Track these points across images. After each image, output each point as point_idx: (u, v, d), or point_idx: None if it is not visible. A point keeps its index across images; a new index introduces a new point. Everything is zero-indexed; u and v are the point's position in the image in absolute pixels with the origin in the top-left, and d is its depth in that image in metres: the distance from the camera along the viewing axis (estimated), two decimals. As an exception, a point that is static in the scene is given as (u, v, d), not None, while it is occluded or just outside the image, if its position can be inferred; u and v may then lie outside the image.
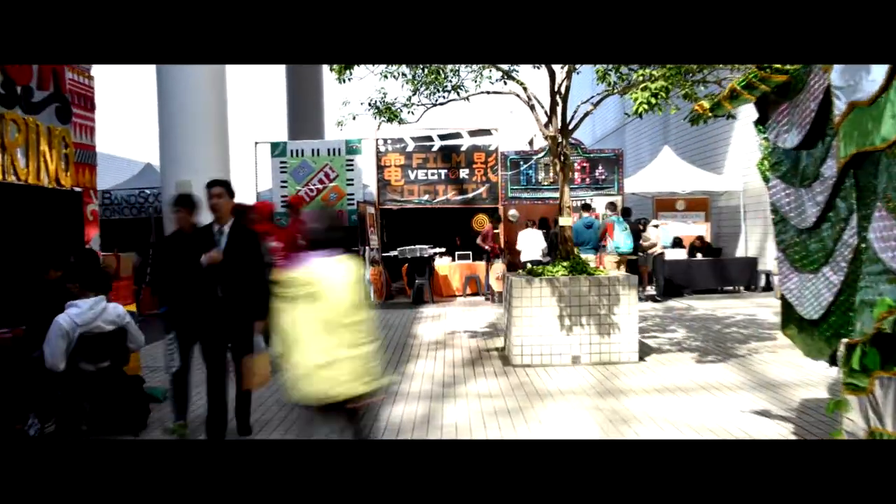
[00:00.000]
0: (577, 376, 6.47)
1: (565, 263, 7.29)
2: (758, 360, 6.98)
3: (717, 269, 13.07)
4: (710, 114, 4.06)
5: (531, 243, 12.20)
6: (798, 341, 3.72)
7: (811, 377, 6.16)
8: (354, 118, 8.08)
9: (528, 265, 7.60)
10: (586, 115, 7.67)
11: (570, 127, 7.64)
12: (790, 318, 3.69)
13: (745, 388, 5.83)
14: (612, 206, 12.16)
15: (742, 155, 14.42)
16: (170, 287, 4.95)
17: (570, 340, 6.98)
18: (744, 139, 14.35)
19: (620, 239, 11.52)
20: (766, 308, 10.87)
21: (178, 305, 4.86)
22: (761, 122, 3.90)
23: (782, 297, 3.71)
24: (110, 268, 6.80)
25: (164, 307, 5.01)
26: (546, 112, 7.74)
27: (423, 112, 8.23)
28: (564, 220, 7.48)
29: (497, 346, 8.08)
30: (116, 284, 6.79)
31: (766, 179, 3.86)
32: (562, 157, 7.47)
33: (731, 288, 13.19)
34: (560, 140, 7.52)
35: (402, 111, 7.99)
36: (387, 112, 7.87)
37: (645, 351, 7.41)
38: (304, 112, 19.32)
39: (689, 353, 7.45)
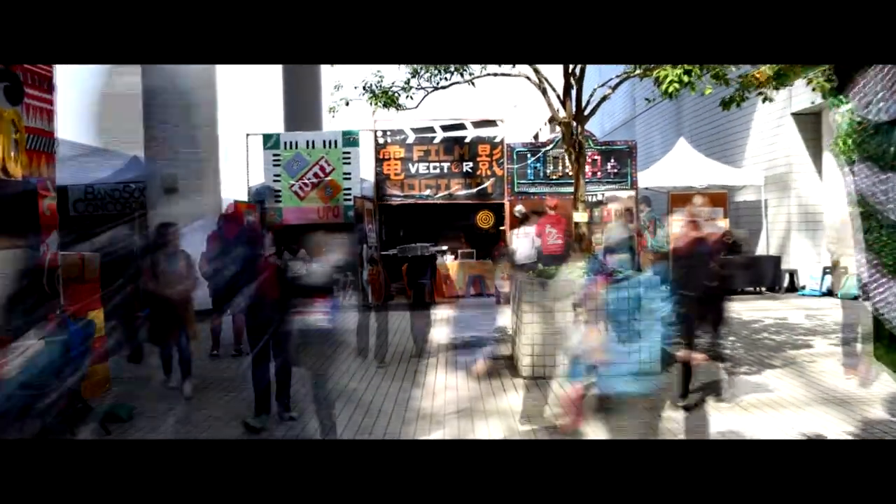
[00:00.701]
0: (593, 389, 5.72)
1: (581, 264, 6.52)
2: (799, 370, 6.22)
3: (737, 269, 12.27)
4: (771, 84, 3.33)
5: (526, 243, 11.49)
6: (889, 362, 2.96)
7: (873, 391, 5.38)
8: (347, 104, 7.33)
9: (532, 267, 6.90)
10: (604, 99, 6.90)
11: (586, 112, 6.88)
12: (882, 334, 2.93)
13: (791, 405, 5.07)
14: (647, 200, 11.56)
15: (762, 146, 13.62)
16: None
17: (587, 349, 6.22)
18: (764, 129, 13.55)
19: (660, 236, 10.79)
20: (795, 311, 10.09)
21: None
22: (840, 91, 3.12)
23: (875, 311, 2.95)
24: (72, 270, 6.05)
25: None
26: (559, 96, 6.97)
27: (424, 97, 7.47)
28: (579, 216, 6.71)
29: (504, 355, 7.33)
30: (78, 288, 6.05)
31: (851, 161, 3.09)
32: (576, 146, 6.70)
33: (752, 289, 12.40)
34: (574, 126, 6.76)
35: (399, 95, 7.22)
36: (383, 97, 7.11)
37: (668, 360, 6.64)
38: (301, 101, 18.58)
39: (719, 361, 6.68)
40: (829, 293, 12.07)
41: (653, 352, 6.24)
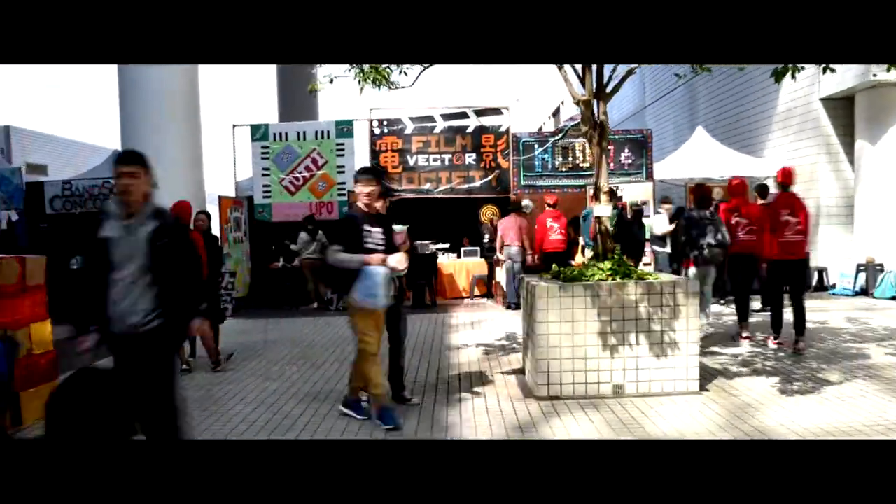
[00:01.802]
0: (620, 414, 4.81)
1: (605, 265, 5.59)
2: (864, 387, 5.29)
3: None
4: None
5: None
6: None
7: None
8: (332, 81, 6.42)
9: (551, 269, 5.96)
10: (629, 73, 5.97)
11: (608, 89, 5.95)
12: None
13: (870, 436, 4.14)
14: (667, 199, 10.77)
15: (787, 134, 12.68)
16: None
17: (612, 365, 5.31)
18: (789, 116, 12.61)
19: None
20: (833, 313, 9.15)
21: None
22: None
23: None
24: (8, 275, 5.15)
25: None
26: (577, 72, 6.05)
27: (420, 73, 6.54)
28: (601, 209, 5.78)
29: (514, 368, 6.42)
30: (17, 294, 5.16)
31: None
32: (598, 127, 5.77)
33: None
34: (596, 105, 5.84)
35: (391, 72, 6.30)
36: (372, 73, 6.18)
37: (706, 377, 5.72)
38: (297, 89, 17.65)
39: (765, 377, 5.77)
40: (864, 292, 11.15)
41: (690, 369, 5.35)
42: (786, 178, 6.90)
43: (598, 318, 5.28)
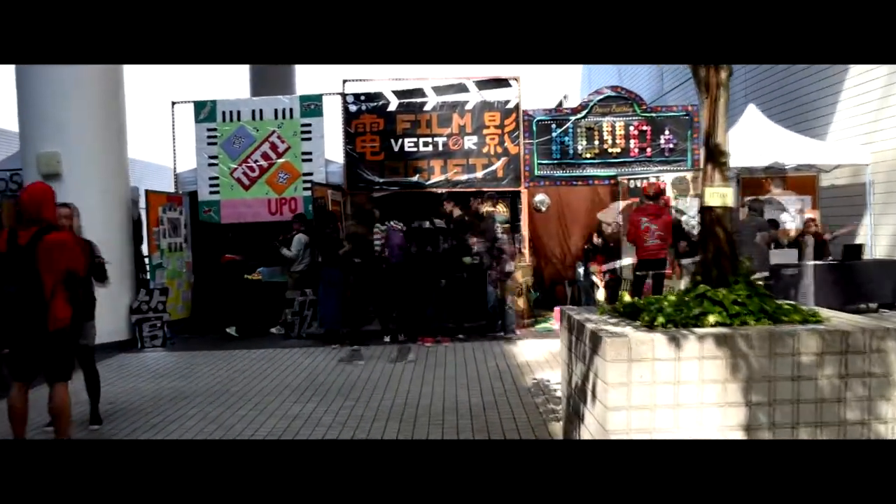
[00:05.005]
0: None
1: (725, 293, 3.09)
2: None
3: (839, 278, 8.86)
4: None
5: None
6: None
7: None
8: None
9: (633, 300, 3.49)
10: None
11: None
12: None
13: None
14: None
15: (862, 115, 10.23)
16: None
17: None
18: (865, 94, 10.16)
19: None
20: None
21: None
22: None
23: None
24: None
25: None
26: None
27: None
28: (715, 197, 3.28)
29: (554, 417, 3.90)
30: None
31: None
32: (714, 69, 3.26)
33: (863, 306, 8.98)
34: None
35: None
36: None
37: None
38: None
39: None
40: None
41: None
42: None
43: (728, 400, 2.78)
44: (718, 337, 2.80)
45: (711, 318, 3.03)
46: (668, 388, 2.79)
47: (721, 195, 3.24)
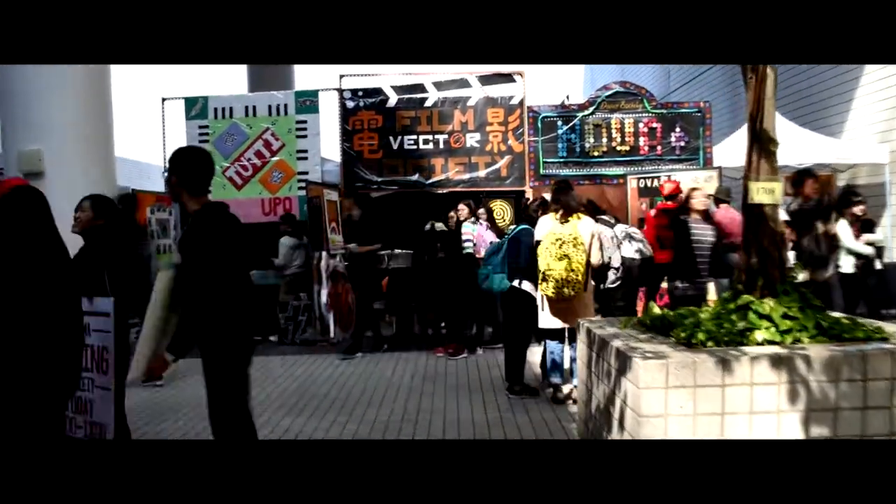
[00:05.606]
0: None
1: (773, 305, 2.69)
2: None
3: (859, 282, 8.44)
4: None
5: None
6: None
7: None
8: None
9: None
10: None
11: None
12: None
13: None
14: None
15: (880, 113, 9.84)
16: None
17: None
18: (882, 91, 9.77)
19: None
20: None
21: None
22: None
23: None
24: None
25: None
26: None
27: None
28: (761, 192, 2.89)
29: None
30: None
31: None
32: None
33: (884, 311, 8.58)
34: None
35: None
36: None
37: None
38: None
39: None
40: None
41: None
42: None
43: (783, 435, 2.38)
44: (773, 359, 2.40)
45: (758, 335, 2.64)
46: (714, 420, 2.40)
47: (769, 190, 2.85)
